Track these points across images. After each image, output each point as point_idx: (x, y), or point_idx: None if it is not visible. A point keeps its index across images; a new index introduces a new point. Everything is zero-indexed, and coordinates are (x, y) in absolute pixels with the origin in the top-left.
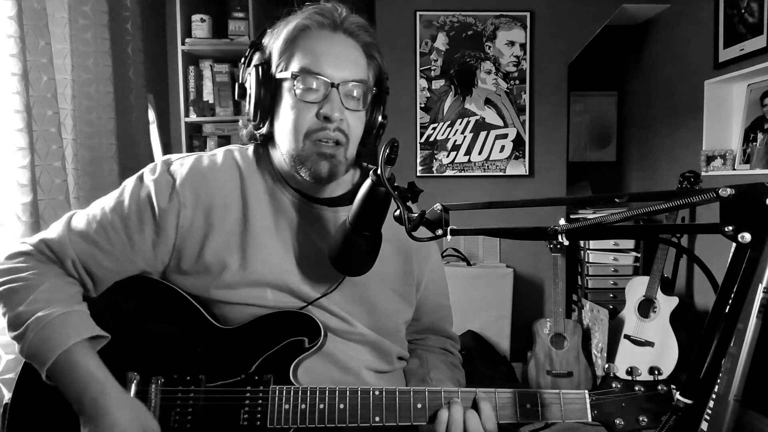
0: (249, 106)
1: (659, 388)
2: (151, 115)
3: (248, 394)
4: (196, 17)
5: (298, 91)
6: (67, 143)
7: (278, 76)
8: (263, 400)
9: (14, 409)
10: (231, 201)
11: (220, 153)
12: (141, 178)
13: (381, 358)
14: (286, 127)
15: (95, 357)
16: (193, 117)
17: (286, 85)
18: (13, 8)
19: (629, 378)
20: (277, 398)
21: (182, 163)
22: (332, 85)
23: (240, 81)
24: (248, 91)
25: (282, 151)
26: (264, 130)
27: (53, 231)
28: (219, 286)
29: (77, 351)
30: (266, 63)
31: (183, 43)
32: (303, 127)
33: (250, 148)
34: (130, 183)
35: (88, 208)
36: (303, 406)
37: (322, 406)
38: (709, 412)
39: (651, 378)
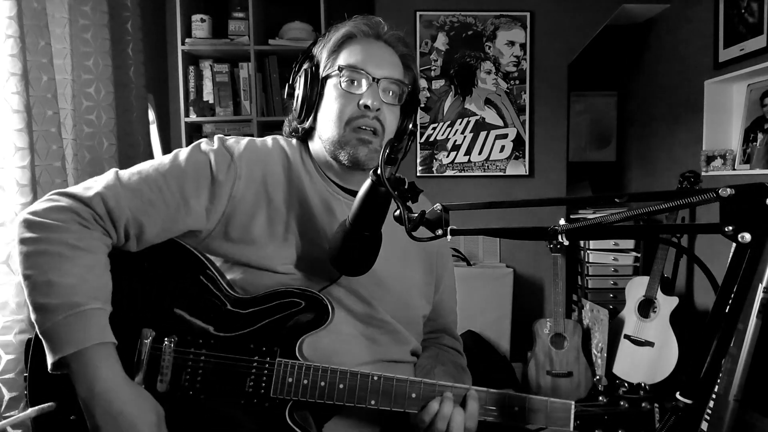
0: (296, 103)
1: (643, 405)
2: (151, 115)
3: (255, 364)
4: (196, 17)
5: (343, 84)
6: (67, 143)
7: (325, 73)
8: (268, 371)
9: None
10: (279, 181)
11: (268, 138)
12: (198, 147)
13: (397, 346)
14: (330, 116)
15: (113, 356)
16: (193, 117)
17: (331, 81)
18: (13, 8)
19: (618, 391)
20: (282, 371)
21: (237, 140)
22: (373, 79)
23: (290, 82)
24: (297, 91)
25: (323, 138)
26: (307, 124)
27: (104, 186)
28: (261, 255)
29: (98, 350)
30: (315, 66)
31: (183, 43)
32: (345, 115)
33: (293, 139)
34: (184, 150)
35: (135, 168)
36: (305, 381)
37: (323, 383)
38: (709, 412)
39: (641, 392)
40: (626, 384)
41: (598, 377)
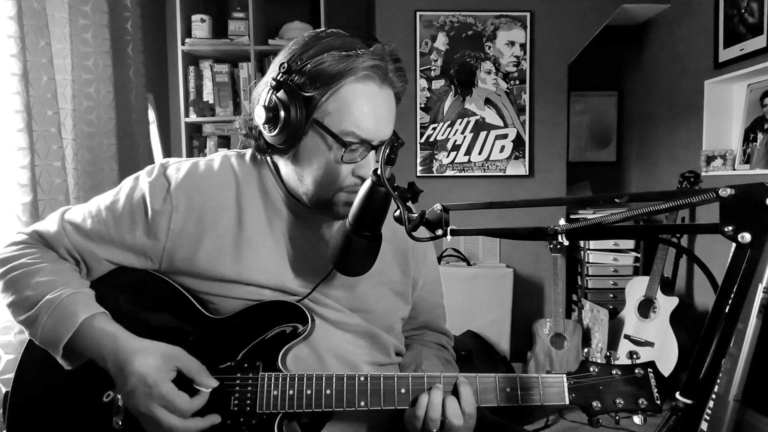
0: (277, 133)
1: (636, 371)
2: (151, 115)
3: (238, 381)
4: (196, 17)
5: (344, 156)
6: (67, 143)
7: (318, 116)
8: (252, 387)
9: (15, 396)
10: (225, 206)
11: (217, 159)
12: (137, 179)
13: (379, 350)
14: (317, 177)
15: (103, 316)
16: (193, 117)
17: (325, 139)
18: (13, 8)
19: (608, 362)
20: (266, 385)
21: (179, 167)
22: (371, 146)
23: (266, 104)
24: (281, 113)
25: (305, 189)
26: (286, 156)
27: (47, 223)
28: (215, 286)
29: (87, 322)
30: (306, 100)
31: (183, 43)
32: (337, 183)
33: (248, 152)
34: (127, 183)
35: (85, 204)
36: (291, 392)
37: (309, 391)
38: (709, 412)
39: (629, 362)
40: (617, 355)
41: (586, 351)
